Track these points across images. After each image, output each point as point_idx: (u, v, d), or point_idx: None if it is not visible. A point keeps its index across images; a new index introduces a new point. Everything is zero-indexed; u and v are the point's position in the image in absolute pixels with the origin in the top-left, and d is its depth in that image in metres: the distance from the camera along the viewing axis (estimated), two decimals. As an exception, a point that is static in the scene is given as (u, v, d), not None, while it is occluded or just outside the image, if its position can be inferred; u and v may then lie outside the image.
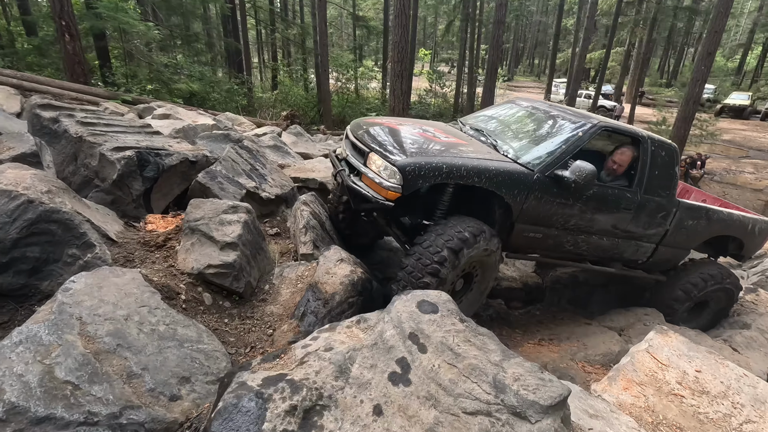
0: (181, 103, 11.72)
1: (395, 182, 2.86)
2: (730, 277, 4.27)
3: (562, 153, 3.23)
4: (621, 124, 3.70)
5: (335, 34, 41.12)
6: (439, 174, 2.87)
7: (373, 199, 2.95)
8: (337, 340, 1.89)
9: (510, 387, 1.73)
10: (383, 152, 3.02)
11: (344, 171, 3.31)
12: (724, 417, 2.28)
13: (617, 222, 3.60)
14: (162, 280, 2.62)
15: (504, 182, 3.03)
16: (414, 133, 3.43)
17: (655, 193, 3.64)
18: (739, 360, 3.49)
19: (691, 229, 3.97)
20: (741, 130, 24.62)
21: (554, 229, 3.42)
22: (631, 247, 3.84)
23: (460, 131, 3.92)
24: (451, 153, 3.10)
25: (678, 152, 3.77)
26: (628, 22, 28.24)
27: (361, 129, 3.45)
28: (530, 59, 60.16)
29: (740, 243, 4.36)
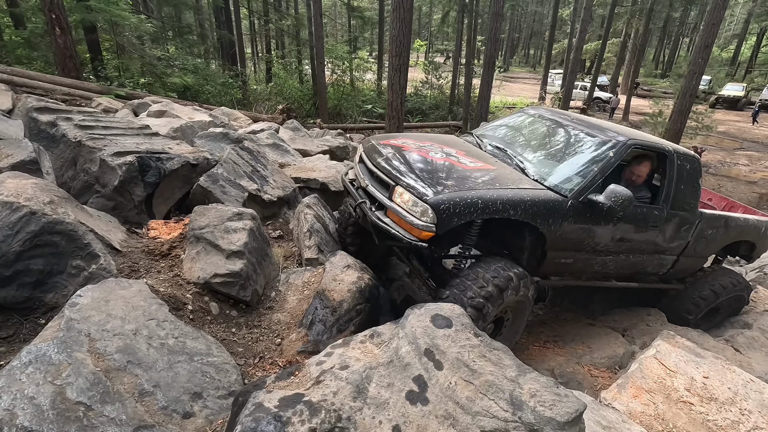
0: (176, 97, 11.55)
1: (428, 221, 2.63)
2: (743, 284, 4.32)
3: (595, 176, 3.08)
4: (648, 139, 3.55)
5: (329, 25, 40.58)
6: (474, 210, 2.68)
7: (404, 239, 2.73)
8: (352, 357, 1.87)
9: (527, 404, 1.73)
10: (411, 185, 2.78)
11: (365, 203, 3.07)
12: (733, 424, 2.30)
13: (644, 239, 3.54)
14: (168, 290, 2.58)
15: (539, 212, 2.89)
16: (438, 159, 3.19)
17: (680, 208, 3.57)
18: (741, 361, 3.53)
19: (710, 238, 3.94)
20: (735, 121, 24.76)
21: (584, 252, 3.32)
22: (655, 261, 3.80)
23: (481, 150, 3.67)
24: (483, 183, 2.90)
25: (701, 163, 3.70)
26: (625, 13, 28.14)
27: (380, 155, 3.19)
28: (525, 50, 59.89)
29: (752, 245, 4.40)
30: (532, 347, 3.52)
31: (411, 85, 24.48)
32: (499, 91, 27.41)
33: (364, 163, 3.33)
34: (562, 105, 20.75)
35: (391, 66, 9.29)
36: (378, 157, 3.19)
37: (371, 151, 3.35)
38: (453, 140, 3.92)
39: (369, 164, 3.21)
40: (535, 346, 3.56)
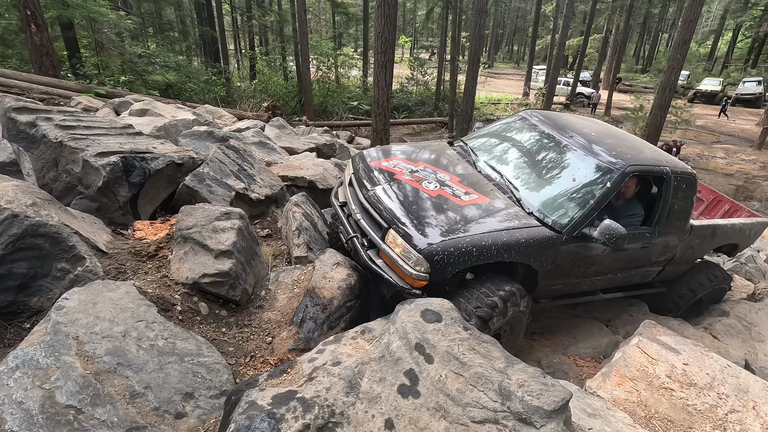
0: (158, 95, 11.35)
1: (422, 270, 2.61)
2: (722, 276, 4.43)
3: (591, 210, 3.04)
4: (648, 163, 3.36)
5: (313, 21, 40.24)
6: (469, 258, 2.66)
7: (397, 285, 2.72)
8: (343, 353, 1.89)
9: (515, 394, 1.78)
10: (404, 231, 2.73)
11: (357, 239, 3.02)
12: (711, 408, 2.40)
13: (634, 259, 3.55)
14: (156, 291, 2.56)
15: (533, 252, 2.88)
16: (432, 193, 3.10)
17: (671, 227, 3.55)
18: (719, 347, 3.67)
19: (697, 247, 3.98)
20: (713, 115, 25.40)
21: (575, 278, 3.35)
22: (641, 274, 3.84)
23: (475, 169, 3.55)
24: (477, 227, 2.81)
25: (696, 179, 3.64)
26: (606, 9, 28.56)
27: (372, 184, 3.14)
28: (509, 46, 60.35)
29: (736, 245, 4.51)
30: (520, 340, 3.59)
31: (397, 82, 24.47)
32: (484, 87, 27.58)
33: (355, 190, 3.26)
34: (546, 101, 21.00)
35: (377, 63, 9.28)
36: (370, 186, 3.15)
37: (362, 176, 3.29)
38: (446, 157, 3.76)
39: (360, 196, 3.16)
40: (522, 340, 3.63)
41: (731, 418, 2.35)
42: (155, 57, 14.20)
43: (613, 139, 3.65)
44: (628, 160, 3.25)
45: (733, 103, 28.81)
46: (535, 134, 3.77)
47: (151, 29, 17.28)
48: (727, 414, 2.37)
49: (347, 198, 3.36)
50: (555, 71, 21.18)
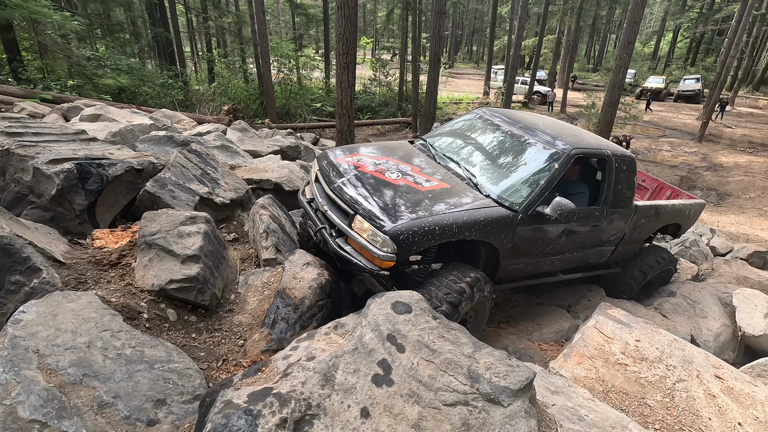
0: (110, 100, 10.86)
1: (388, 250, 2.74)
2: (669, 258, 4.78)
3: (543, 189, 3.27)
4: (589, 145, 3.69)
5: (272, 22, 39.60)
6: (432, 236, 2.81)
7: (366, 267, 2.84)
8: (317, 348, 1.93)
9: (483, 376, 1.87)
10: (370, 215, 2.86)
11: (326, 230, 3.13)
12: (661, 379, 2.60)
13: (588, 238, 3.82)
14: (121, 300, 2.50)
15: (492, 230, 3.06)
16: (395, 181, 3.24)
17: (618, 206, 3.84)
18: (668, 325, 3.96)
19: (644, 226, 4.30)
20: (658, 110, 27.02)
21: (535, 257, 3.56)
22: (596, 254, 4.11)
23: (435, 162, 3.75)
24: (439, 207, 2.99)
25: (635, 162, 3.97)
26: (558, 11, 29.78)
27: (337, 176, 3.26)
28: (469, 46, 61.74)
29: (678, 226, 4.88)
30: (487, 329, 3.73)
31: (360, 83, 24.51)
32: (445, 87, 28.10)
33: (321, 185, 3.36)
34: (505, 99, 21.66)
35: (339, 64, 9.29)
36: (335, 179, 3.25)
37: (328, 171, 3.39)
38: (407, 152, 3.93)
39: (326, 189, 3.26)
40: (490, 328, 3.78)
41: (678, 387, 2.56)
42: (105, 60, 13.56)
43: (559, 128, 3.98)
44: (573, 144, 3.56)
45: (676, 99, 30.81)
46: (489, 128, 4.03)
47: (99, 31, 16.49)
48: (675, 383, 2.58)
49: (314, 194, 3.47)
50: (513, 71, 21.87)
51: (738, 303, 4.22)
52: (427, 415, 1.72)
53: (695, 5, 38.75)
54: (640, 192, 6.01)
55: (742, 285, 5.08)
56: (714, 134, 20.62)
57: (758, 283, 5.11)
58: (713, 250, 7.04)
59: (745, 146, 19.04)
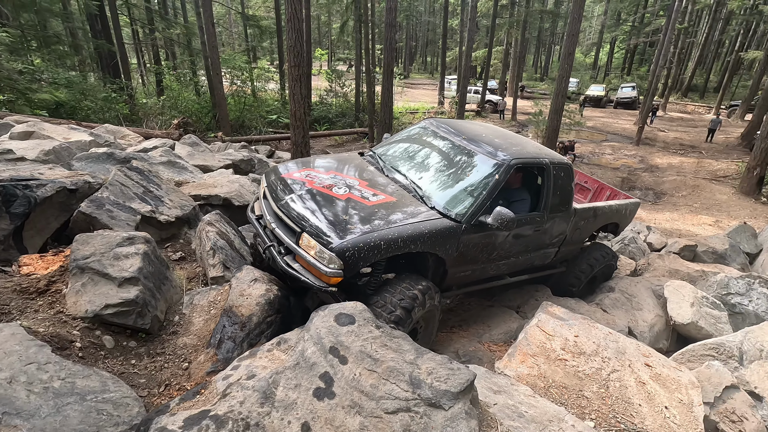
0: (46, 115, 10.23)
1: (335, 267, 2.78)
2: (611, 254, 5.08)
3: (484, 200, 3.40)
4: (528, 154, 3.87)
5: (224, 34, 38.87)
6: (378, 251, 2.86)
7: (314, 285, 2.87)
8: (258, 366, 1.91)
9: (425, 381, 1.92)
10: (316, 232, 2.90)
11: (274, 247, 3.15)
12: (597, 371, 2.76)
13: (531, 242, 4.00)
14: (50, 330, 2.36)
15: (437, 241, 3.16)
16: (341, 197, 3.29)
17: (558, 210, 4.03)
18: (608, 319, 4.20)
19: (583, 227, 4.54)
20: (600, 117, 28.79)
21: (480, 263, 3.68)
22: (540, 256, 4.30)
23: (383, 174, 3.83)
24: (385, 222, 3.04)
25: (573, 168, 4.18)
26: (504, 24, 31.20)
27: (285, 192, 3.30)
28: (423, 57, 63.24)
29: (617, 224, 5.19)
30: (440, 335, 3.81)
31: (316, 94, 24.51)
32: (401, 97, 28.62)
33: (269, 201, 3.37)
34: (459, 109, 22.33)
35: (291, 76, 9.26)
36: (283, 195, 3.29)
37: (275, 187, 3.42)
38: (356, 166, 3.99)
39: (274, 206, 3.28)
40: (442, 333, 3.86)
41: (612, 377, 2.73)
42: (41, 73, 12.77)
43: (501, 138, 4.15)
44: (513, 154, 3.74)
45: (615, 106, 32.94)
46: (435, 139, 4.16)
47: (34, 43, 15.52)
48: (610, 374, 2.75)
49: (263, 210, 3.47)
50: (465, 81, 22.61)
51: (669, 294, 4.56)
52: (368, 424, 1.74)
53: (628, 19, 41.82)
54: (583, 192, 6.40)
55: (674, 277, 5.48)
56: (650, 138, 22.21)
57: (687, 275, 5.54)
58: (650, 246, 7.56)
59: (677, 148, 20.63)
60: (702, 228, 10.77)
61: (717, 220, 11.47)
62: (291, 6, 8.60)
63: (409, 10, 45.83)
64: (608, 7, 45.25)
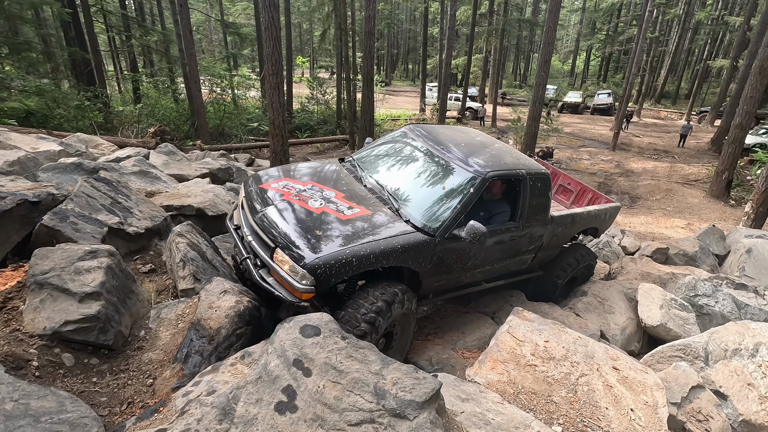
0: (15, 124, 9.94)
1: (307, 283, 2.82)
2: (590, 254, 5.16)
3: (458, 213, 3.41)
4: (504, 166, 3.86)
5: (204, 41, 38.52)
6: (349, 268, 2.88)
7: (287, 300, 2.92)
8: (220, 381, 1.87)
9: (389, 392, 1.92)
10: (289, 248, 2.93)
11: (250, 259, 3.19)
12: (566, 376, 2.80)
13: (506, 251, 4.02)
14: (4, 348, 2.27)
15: (410, 255, 3.17)
16: (316, 210, 3.30)
17: (534, 220, 4.05)
18: (580, 323, 4.27)
19: (561, 234, 4.57)
20: (578, 123, 29.47)
21: (456, 273, 3.71)
22: (516, 263, 4.32)
23: (361, 185, 3.83)
24: (358, 237, 3.05)
25: (550, 178, 4.17)
26: (483, 32, 31.77)
27: (261, 205, 3.33)
28: (405, 64, 63.82)
29: (596, 229, 5.26)
30: (415, 342, 3.81)
31: (297, 101, 24.47)
32: (383, 104, 28.75)
33: (246, 213, 3.40)
34: (440, 116, 22.59)
35: (269, 84, 9.24)
36: (260, 207, 3.31)
37: (252, 199, 3.45)
38: (334, 175, 3.99)
39: (250, 219, 3.31)
40: (417, 341, 3.86)
41: (581, 381, 2.77)
42: (10, 81, 12.42)
43: (479, 148, 4.12)
44: (489, 167, 3.72)
45: (592, 112, 33.76)
46: (413, 148, 4.16)
47: (4, 49, 15.10)
48: (578, 378, 2.79)
49: (240, 221, 3.50)
50: (445, 88, 22.90)
51: (639, 297, 4.66)
52: (331, 438, 1.72)
53: (603, 28, 43.10)
54: (566, 194, 6.56)
55: (646, 280, 5.62)
56: (625, 143, 22.82)
57: (658, 278, 5.68)
58: (624, 249, 7.74)
59: (651, 153, 21.24)
60: (675, 231, 11.08)
61: (689, 223, 11.83)
62: (268, 14, 8.60)
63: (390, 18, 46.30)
64: (584, 16, 46.61)
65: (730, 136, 13.69)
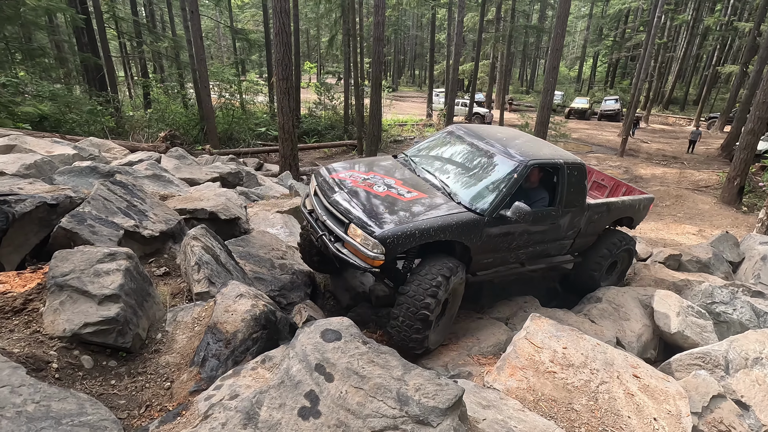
0: (29, 128, 10.07)
1: (378, 252, 3.27)
2: (628, 238, 5.36)
3: (504, 196, 3.84)
4: (544, 156, 4.26)
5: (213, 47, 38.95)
6: (413, 238, 3.34)
7: (361, 267, 3.38)
8: (242, 385, 1.86)
9: (412, 398, 1.89)
10: (362, 223, 3.38)
11: (326, 236, 3.66)
12: (586, 383, 2.76)
13: (547, 234, 4.38)
14: (25, 350, 2.28)
15: (463, 231, 3.63)
16: (381, 194, 3.79)
17: (571, 206, 4.42)
18: (596, 330, 4.21)
19: (597, 221, 4.90)
20: (585, 129, 29.34)
21: (502, 251, 4.13)
22: (556, 247, 4.69)
23: (416, 175, 4.28)
24: (418, 214, 3.54)
25: (586, 167, 4.53)
26: (490, 38, 31.84)
27: (332, 191, 3.80)
28: (411, 70, 64.04)
29: (631, 218, 5.50)
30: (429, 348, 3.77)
31: (305, 107, 24.60)
32: (390, 110, 28.86)
33: (320, 198, 3.93)
34: (447, 121, 22.58)
35: (279, 89, 9.30)
36: (331, 193, 3.81)
37: (324, 186, 3.98)
38: (392, 167, 4.47)
39: (324, 202, 3.82)
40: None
41: (601, 389, 2.72)
42: (24, 86, 12.61)
43: (520, 141, 4.56)
44: (529, 156, 4.13)
45: (599, 118, 33.62)
46: (460, 143, 4.62)
47: (18, 55, 15.36)
48: (598, 386, 2.75)
49: (314, 206, 4.02)
50: (452, 94, 22.92)
51: (655, 304, 4.60)
52: (355, 444, 1.70)
53: (610, 35, 43.02)
54: (600, 190, 6.83)
55: (660, 287, 5.54)
56: (633, 149, 22.67)
57: (673, 285, 5.60)
58: (636, 255, 7.64)
59: (660, 159, 21.09)
60: (686, 237, 10.96)
61: (700, 230, 11.69)
62: (279, 20, 8.68)
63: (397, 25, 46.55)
64: (590, 23, 46.55)
65: (742, 142, 13.55)
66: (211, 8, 32.15)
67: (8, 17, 12.33)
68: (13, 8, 12.04)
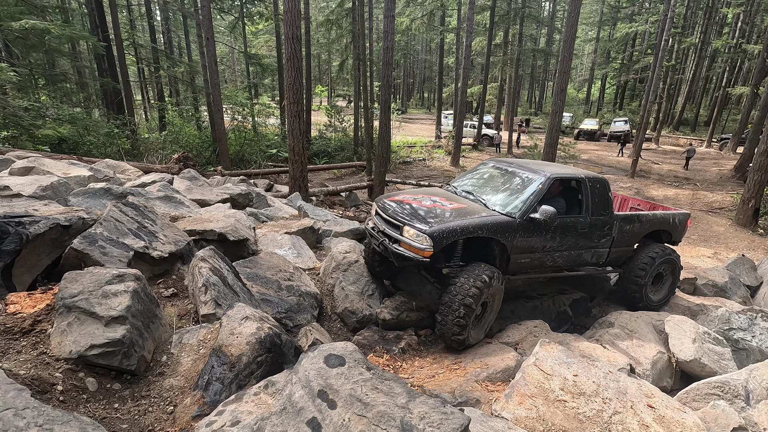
0: (48, 151, 10.38)
1: (427, 244, 4.04)
2: (668, 249, 5.61)
3: (532, 202, 4.58)
4: (566, 172, 5.06)
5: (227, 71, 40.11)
6: (455, 233, 4.13)
7: (414, 258, 4.14)
8: (244, 411, 1.84)
9: (417, 427, 1.85)
10: (414, 225, 4.21)
11: (386, 241, 4.44)
12: (598, 413, 2.66)
13: (578, 239, 4.96)
14: (31, 372, 2.29)
15: (498, 230, 4.34)
16: (428, 205, 4.68)
17: (598, 214, 5.05)
18: (608, 356, 4.09)
19: (630, 231, 5.40)
20: (595, 150, 29.26)
21: (537, 253, 4.74)
22: (591, 254, 5.21)
23: (456, 194, 5.22)
24: (458, 216, 4.34)
25: (608, 182, 5.20)
26: (498, 62, 32.30)
27: (390, 208, 4.65)
28: (420, 93, 65.04)
29: (669, 233, 5.83)
30: (436, 374, 3.70)
31: (315, 129, 25.02)
32: (399, 132, 29.20)
33: (380, 215, 4.79)
34: (455, 143, 22.75)
35: (290, 112, 9.48)
36: (389, 209, 4.68)
37: (383, 207, 4.82)
38: (437, 191, 5.49)
39: (383, 215, 4.68)
40: (440, 374, 3.75)
41: (614, 419, 2.63)
42: (45, 110, 13.06)
43: (546, 165, 5.45)
44: (553, 172, 4.93)
45: (609, 139, 33.55)
46: (496, 170, 5.52)
47: (41, 80, 15.98)
48: (611, 416, 2.65)
49: (375, 222, 4.88)
50: (461, 116, 23.14)
51: (670, 330, 4.47)
52: (357, 475, 1.65)
53: (617, 57, 43.38)
54: None
55: (674, 311, 5.40)
56: (644, 170, 22.49)
57: (688, 309, 5.45)
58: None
59: (672, 180, 20.86)
60: (701, 260, 10.71)
61: (715, 252, 11.43)
62: (291, 46, 8.93)
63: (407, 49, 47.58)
64: (598, 46, 47.06)
65: (755, 163, 13.37)
66: (226, 35, 33.26)
67: (33, 45, 12.89)
68: (39, 36, 12.59)
